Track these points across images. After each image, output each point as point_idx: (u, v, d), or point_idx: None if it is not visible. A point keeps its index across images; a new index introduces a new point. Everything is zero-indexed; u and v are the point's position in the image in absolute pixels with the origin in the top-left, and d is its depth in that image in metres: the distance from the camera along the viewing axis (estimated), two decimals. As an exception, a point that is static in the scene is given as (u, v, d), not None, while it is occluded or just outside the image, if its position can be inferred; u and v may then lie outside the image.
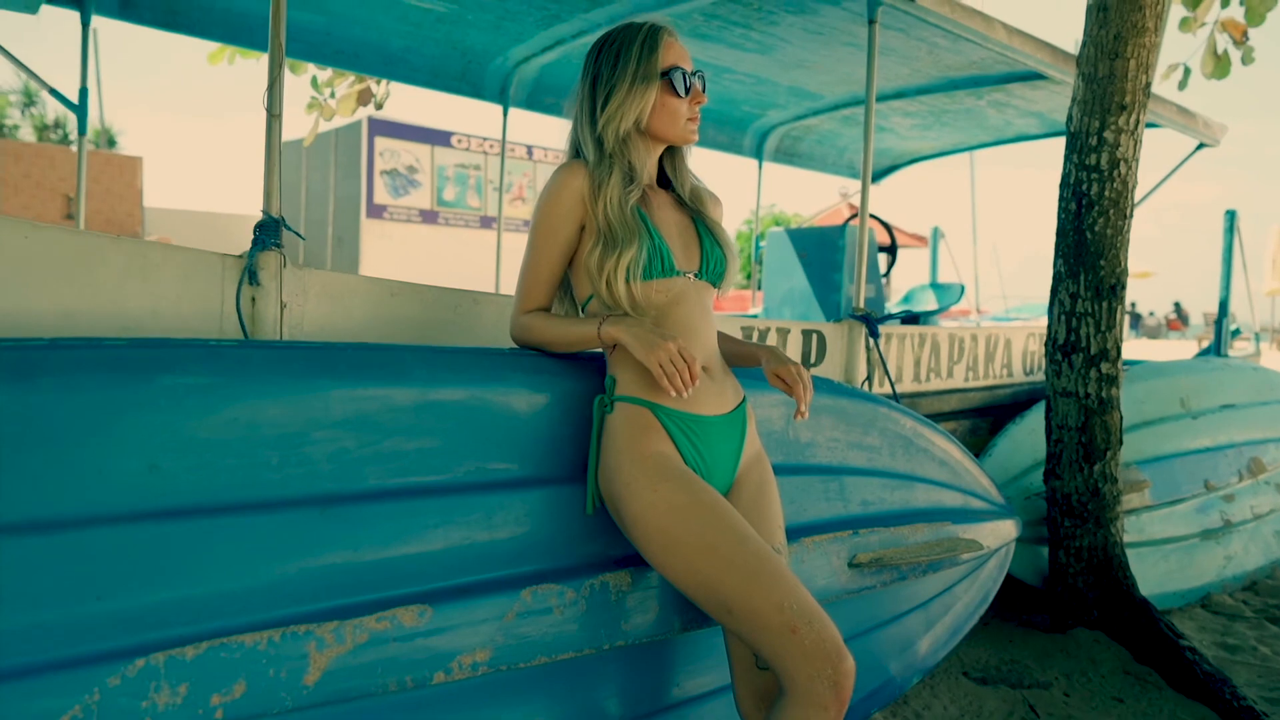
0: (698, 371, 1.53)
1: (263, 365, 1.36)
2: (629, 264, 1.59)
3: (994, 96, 4.59)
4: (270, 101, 1.67)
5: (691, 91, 1.68)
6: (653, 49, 1.64)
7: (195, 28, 3.57)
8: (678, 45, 1.69)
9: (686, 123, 1.69)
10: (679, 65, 1.66)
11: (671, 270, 1.64)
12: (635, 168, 1.69)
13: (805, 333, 2.74)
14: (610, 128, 1.65)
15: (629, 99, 1.64)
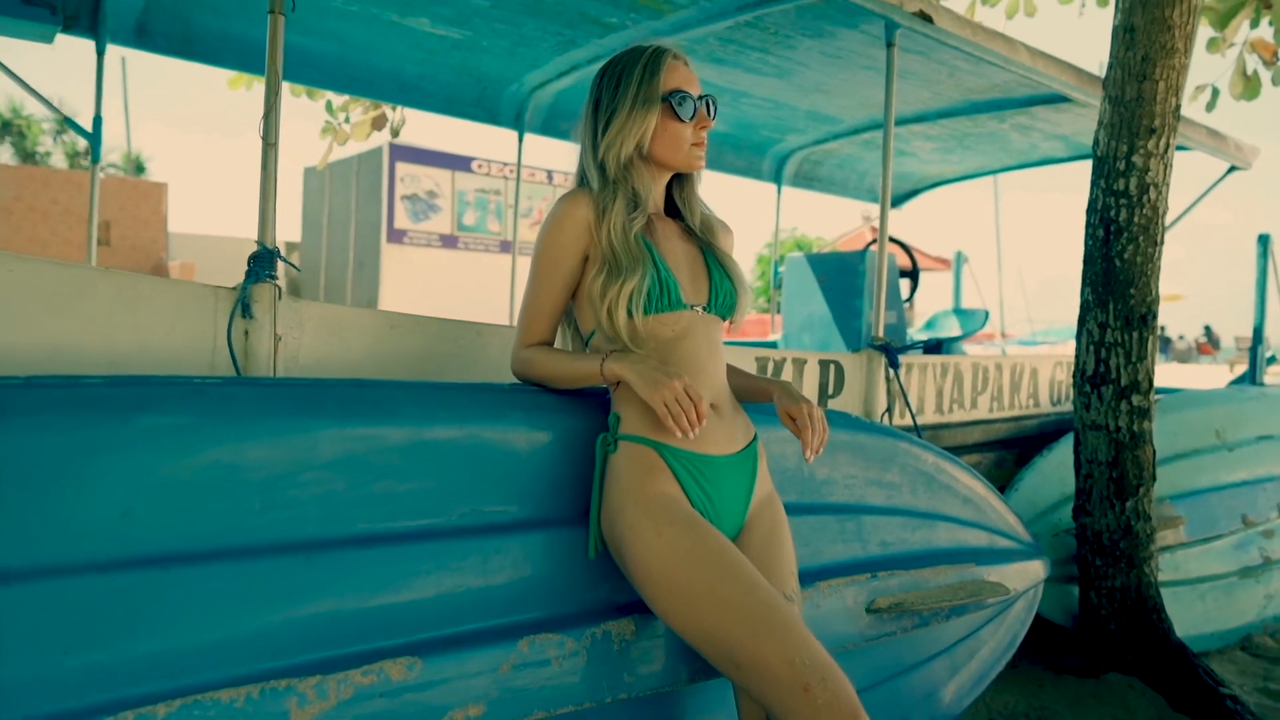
0: (705, 410, 1.46)
1: (246, 404, 1.30)
2: (631, 292, 1.53)
3: (1017, 120, 4.50)
4: (266, 130, 1.62)
5: (696, 116, 1.61)
6: (654, 72, 1.59)
7: (210, 55, 3.57)
8: (683, 68, 1.63)
9: (691, 148, 1.63)
10: (682, 89, 1.60)
11: (678, 303, 1.57)
12: (640, 194, 1.63)
13: (823, 363, 2.66)
14: (611, 153, 1.60)
15: (629, 124, 1.58)
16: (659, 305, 1.55)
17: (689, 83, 1.62)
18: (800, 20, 3.28)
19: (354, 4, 3.35)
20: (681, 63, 1.64)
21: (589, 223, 1.58)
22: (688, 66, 1.66)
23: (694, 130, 1.62)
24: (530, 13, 3.41)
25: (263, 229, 1.64)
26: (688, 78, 1.62)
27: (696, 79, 1.65)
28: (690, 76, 1.63)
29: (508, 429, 1.53)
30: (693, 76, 1.64)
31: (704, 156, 1.65)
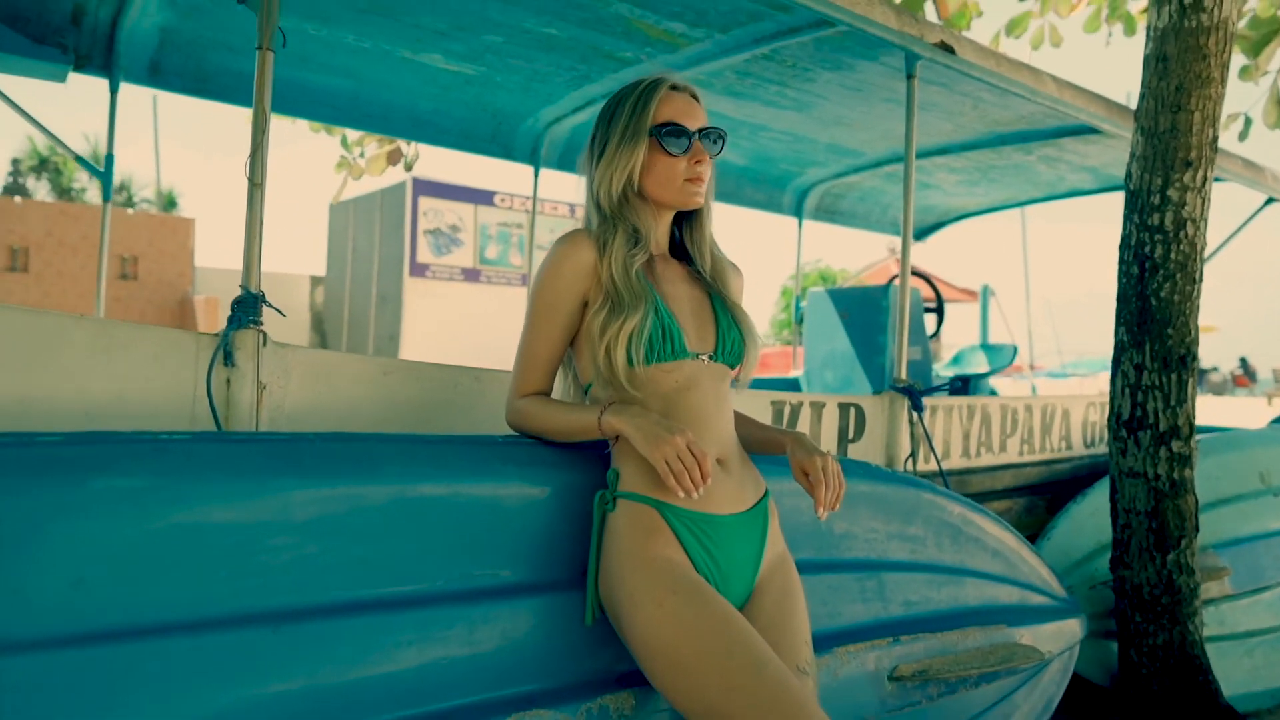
0: (709, 468, 1.35)
1: (211, 462, 1.21)
2: (632, 332, 1.43)
3: (1044, 151, 4.39)
4: (252, 170, 1.56)
5: (691, 149, 1.52)
6: (645, 104, 1.50)
7: (223, 93, 3.56)
8: (681, 99, 1.54)
9: (684, 184, 1.53)
10: (676, 121, 1.51)
11: (681, 351, 1.47)
12: (640, 231, 1.54)
13: (842, 406, 2.54)
14: (603, 189, 1.52)
15: (617, 158, 1.50)
16: (661, 353, 1.45)
17: (686, 114, 1.53)
18: (818, 53, 3.21)
19: (366, 40, 3.32)
20: (686, 94, 1.56)
21: (589, 265, 1.49)
22: (693, 98, 1.58)
23: (689, 165, 1.52)
24: (544, 48, 3.36)
25: (247, 272, 1.57)
26: (685, 109, 1.53)
27: (700, 111, 1.56)
28: (689, 108, 1.54)
29: (499, 485, 1.43)
30: (693, 108, 1.55)
31: (702, 192, 1.55)
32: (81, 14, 3.12)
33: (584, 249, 1.50)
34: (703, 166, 1.52)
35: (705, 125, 1.55)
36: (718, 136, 1.55)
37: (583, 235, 1.52)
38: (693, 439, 1.37)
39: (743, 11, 2.91)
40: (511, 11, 3.03)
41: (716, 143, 1.55)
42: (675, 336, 1.47)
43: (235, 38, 3.33)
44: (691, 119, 1.53)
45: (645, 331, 1.44)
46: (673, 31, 3.14)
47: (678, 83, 1.56)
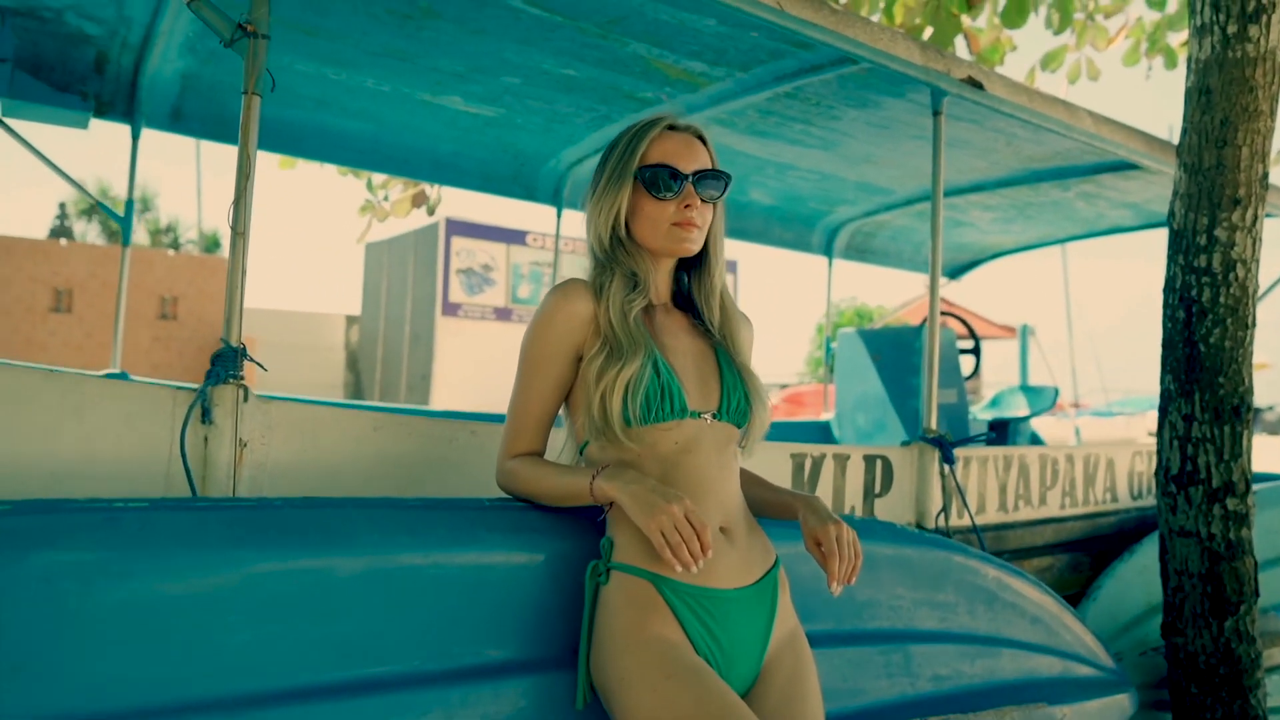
0: (709, 540, 1.24)
1: (170, 532, 1.13)
2: (630, 381, 1.33)
3: (1083, 188, 4.25)
4: (235, 217, 1.49)
5: (681, 193, 1.42)
6: (635, 144, 1.42)
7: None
8: (677, 140, 1.45)
9: (672, 229, 1.43)
10: (667, 162, 1.42)
11: (681, 410, 1.37)
12: (638, 277, 1.45)
13: (868, 459, 2.40)
14: (592, 233, 1.43)
15: (602, 200, 1.42)
16: (659, 411, 1.35)
17: (681, 155, 1.44)
18: (843, 90, 3.12)
19: (385, 84, 3.30)
20: (687, 134, 1.47)
21: (583, 316, 1.40)
22: (698, 139, 1.49)
23: (678, 209, 1.43)
24: (563, 89, 3.32)
25: (229, 324, 1.50)
26: (680, 150, 1.44)
27: (701, 152, 1.46)
28: (686, 149, 1.45)
29: (483, 554, 1.33)
30: (692, 149, 1.45)
31: (693, 239, 1.45)
32: (104, 61, 3.14)
33: (578, 299, 1.41)
34: (693, 211, 1.43)
35: (704, 168, 1.45)
36: (717, 180, 1.45)
37: (577, 285, 1.44)
38: (691, 507, 1.25)
39: (763, 50, 2.84)
40: (529, 53, 2.99)
41: (716, 187, 1.45)
42: (674, 394, 1.37)
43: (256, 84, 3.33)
44: (687, 160, 1.44)
45: (642, 385, 1.34)
46: (692, 71, 3.07)
47: (677, 122, 1.48)
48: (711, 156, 1.49)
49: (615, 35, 2.81)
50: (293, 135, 3.71)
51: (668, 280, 1.52)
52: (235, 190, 1.50)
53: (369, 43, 2.95)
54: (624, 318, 1.39)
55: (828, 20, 2.32)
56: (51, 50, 3.00)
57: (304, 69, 3.22)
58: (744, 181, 4.46)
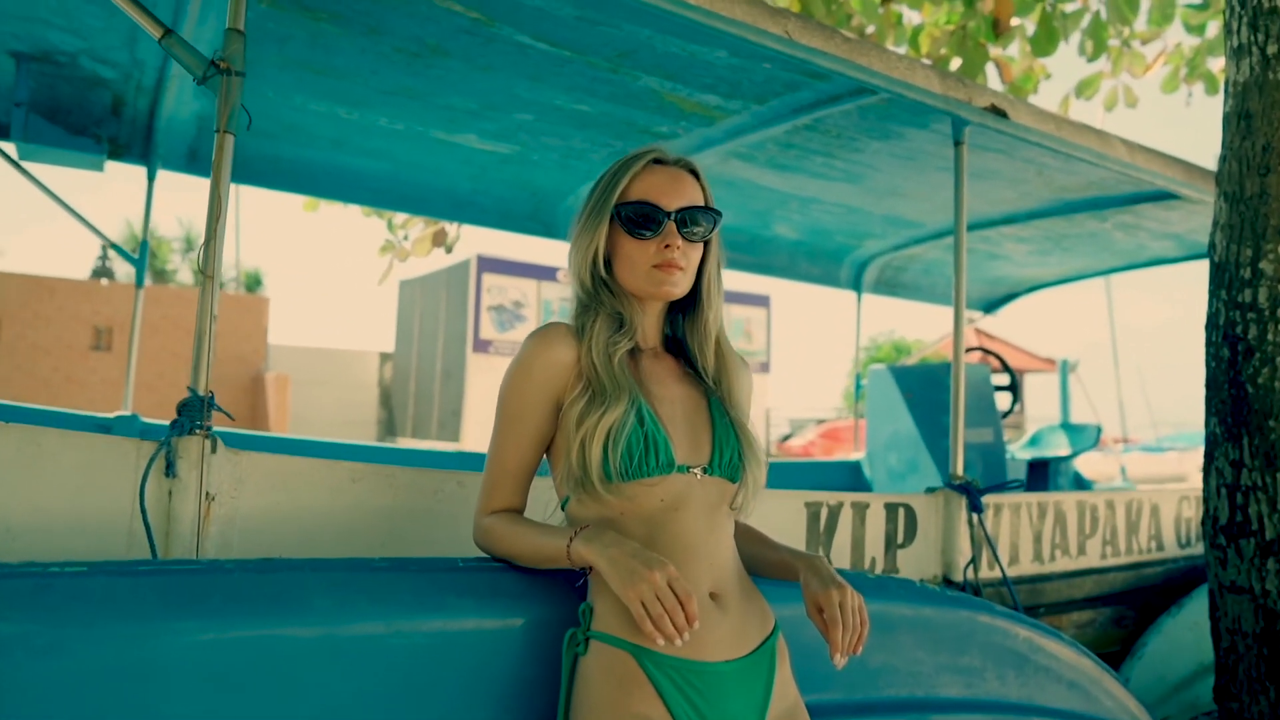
0: (695, 611, 1.13)
1: (106, 600, 1.05)
2: (612, 427, 1.23)
3: (1121, 219, 4.09)
4: (204, 259, 1.43)
5: (662, 232, 1.33)
6: (616, 179, 1.34)
7: (261, 179, 3.57)
8: (662, 175, 1.36)
9: (651, 271, 1.34)
10: (647, 199, 1.33)
11: (667, 463, 1.26)
12: (624, 319, 1.35)
13: (889, 508, 2.26)
14: (572, 273, 1.34)
15: (580, 239, 1.34)
16: (642, 464, 1.24)
17: (665, 191, 1.35)
18: (863, 121, 3.02)
19: (399, 122, 3.28)
20: (675, 169, 1.38)
21: (563, 362, 1.31)
22: (689, 173, 1.40)
23: (658, 249, 1.33)
24: (577, 125, 3.27)
25: (196, 372, 1.43)
26: (665, 186, 1.35)
27: (689, 188, 1.37)
28: (672, 185, 1.36)
29: (452, 620, 1.23)
30: (679, 185, 1.36)
31: (675, 281, 1.35)
32: (121, 104, 3.15)
33: (558, 344, 1.32)
34: (674, 252, 1.33)
35: (690, 204, 1.36)
36: (705, 217, 1.36)
37: (557, 328, 1.35)
38: (676, 574, 1.14)
39: (778, 81, 2.76)
40: (540, 89, 2.95)
41: (703, 224, 1.36)
42: (660, 446, 1.26)
43: (270, 124, 3.33)
44: (671, 196, 1.35)
45: (624, 434, 1.23)
46: (707, 104, 3.00)
47: (665, 156, 1.39)
48: (704, 192, 1.40)
49: (626, 69, 2.75)
50: (310, 175, 3.70)
51: (657, 323, 1.43)
52: (205, 231, 1.44)
53: (380, 81, 2.93)
54: (607, 360, 1.29)
55: (840, 49, 2.23)
56: (67, 94, 3.02)
57: (317, 109, 3.21)
58: (768, 216, 4.37)
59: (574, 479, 1.26)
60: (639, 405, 1.27)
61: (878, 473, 4.93)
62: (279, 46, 2.72)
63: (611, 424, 1.23)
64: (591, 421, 1.24)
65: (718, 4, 2.02)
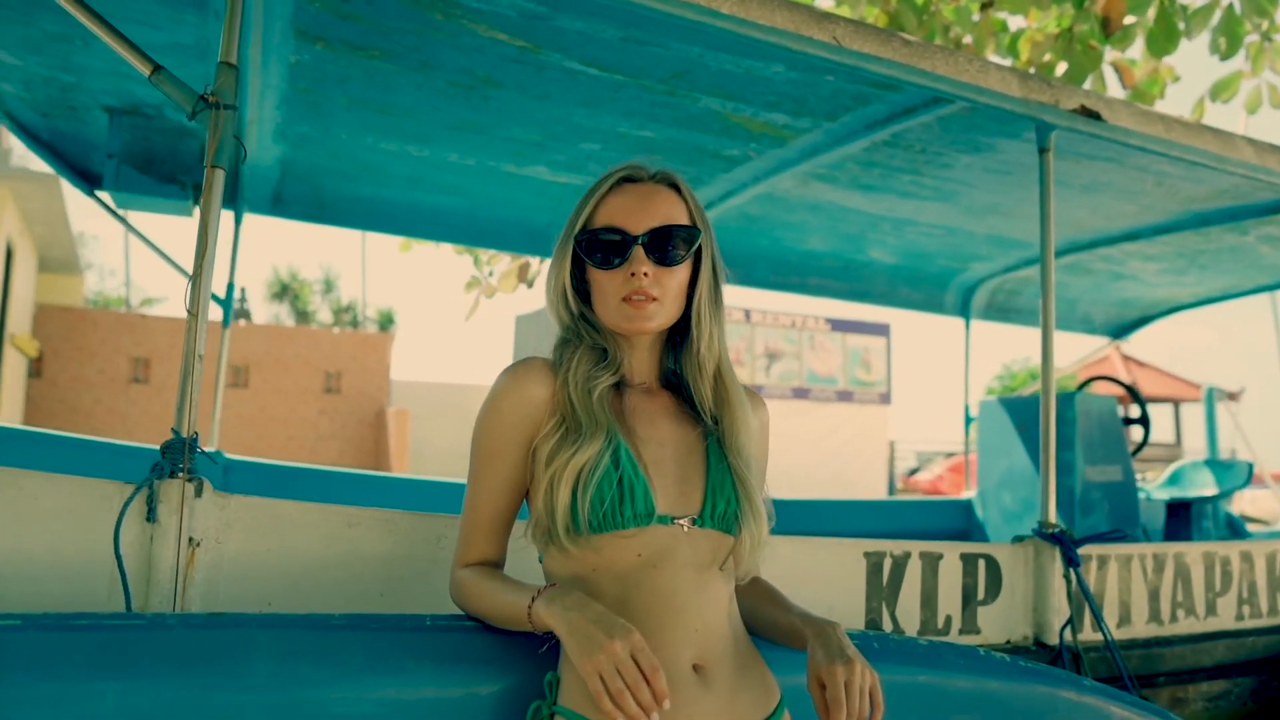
0: (662, 687, 0.97)
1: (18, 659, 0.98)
2: (582, 469, 1.10)
3: (1264, 230, 3.65)
4: (191, 298, 1.39)
5: (628, 259, 1.19)
6: (581, 206, 1.22)
7: (340, 219, 3.65)
8: (630, 195, 1.23)
9: (620, 305, 1.20)
10: (613, 224, 1.20)
11: (647, 513, 1.11)
12: (609, 353, 1.22)
13: (966, 559, 2.01)
14: (549, 308, 1.22)
15: (550, 273, 1.21)
16: (615, 515, 1.10)
17: (631, 213, 1.21)
18: (946, 134, 2.80)
19: (469, 157, 3.28)
20: (654, 182, 1.25)
21: (536, 400, 1.19)
22: (668, 186, 1.26)
23: (625, 279, 1.19)
24: (643, 152, 3.18)
25: (180, 414, 1.38)
26: (631, 207, 1.22)
27: (662, 204, 1.23)
28: (641, 205, 1.22)
29: (405, 688, 1.11)
30: (648, 203, 1.22)
31: (647, 314, 1.20)
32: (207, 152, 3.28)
33: (531, 380, 1.20)
34: (642, 280, 1.19)
35: (663, 224, 1.21)
36: (682, 235, 1.21)
37: (532, 363, 1.23)
38: (641, 644, 0.99)
39: (846, 95, 2.58)
40: (599, 116, 2.88)
41: (680, 245, 1.21)
42: (636, 492, 1.12)
43: (347, 165, 3.39)
44: (640, 217, 1.21)
45: (595, 479, 1.10)
46: (775, 124, 2.85)
47: (637, 173, 1.26)
48: (688, 207, 1.25)
49: (682, 90, 2.63)
50: (390, 214, 3.75)
51: (650, 356, 1.29)
52: (194, 266, 1.40)
53: (442, 117, 2.93)
54: (586, 395, 1.17)
55: (899, 54, 2.04)
56: (157, 144, 3.16)
57: (389, 147, 3.24)
58: (860, 240, 4.14)
59: (541, 529, 1.13)
60: (617, 445, 1.13)
61: (990, 513, 4.56)
62: (341, 87, 2.75)
63: (582, 465, 1.10)
64: (560, 461, 1.11)
65: (754, 11, 1.88)
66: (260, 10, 2.24)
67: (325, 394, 11.63)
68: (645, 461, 1.16)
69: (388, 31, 2.36)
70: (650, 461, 1.16)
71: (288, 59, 2.55)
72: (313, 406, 11.46)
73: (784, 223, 3.95)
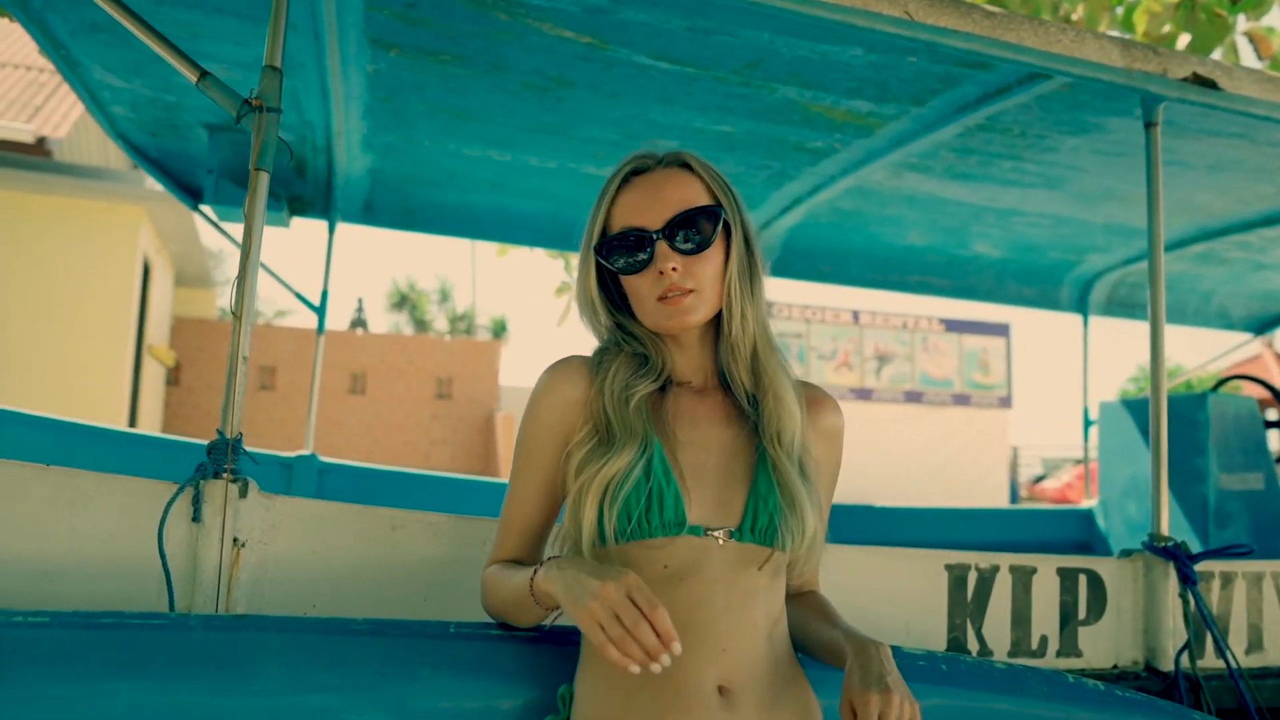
0: (666, 627, 0.89)
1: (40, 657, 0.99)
2: (610, 481, 1.03)
3: None
4: (237, 299, 1.40)
5: (654, 258, 1.11)
6: (597, 211, 1.15)
7: (428, 225, 3.71)
8: (640, 188, 1.15)
9: (657, 306, 1.12)
10: (630, 225, 1.13)
11: (676, 524, 1.04)
12: (650, 357, 1.15)
13: (1064, 573, 1.83)
14: (580, 316, 1.16)
15: (578, 280, 1.15)
16: (642, 524, 1.03)
17: (645, 208, 1.13)
18: (1047, 114, 2.60)
19: (550, 160, 3.28)
20: (663, 167, 1.16)
21: (574, 400, 1.14)
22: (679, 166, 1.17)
23: (655, 279, 1.11)
24: (725, 148, 3.10)
25: (226, 415, 1.39)
26: (643, 202, 1.14)
27: (675, 188, 1.14)
28: (650, 197, 1.14)
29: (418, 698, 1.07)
30: (659, 193, 1.14)
31: (686, 309, 1.12)
32: (304, 166, 3.39)
33: (567, 381, 1.15)
34: (674, 276, 1.10)
35: (678, 211, 1.12)
36: (704, 219, 1.12)
37: (570, 363, 1.17)
38: (636, 582, 0.92)
39: (931, 77, 2.43)
40: (675, 112, 2.81)
41: (702, 229, 1.12)
42: (667, 501, 1.04)
43: (433, 172, 3.45)
44: (656, 209, 1.12)
45: (625, 491, 1.03)
46: (859, 112, 2.72)
47: (642, 163, 1.18)
48: (705, 183, 1.16)
49: (757, 81, 2.54)
50: (478, 220, 3.79)
51: (700, 353, 1.19)
52: (239, 269, 1.41)
53: (519, 120, 2.93)
54: (623, 403, 1.10)
55: (982, 27, 1.89)
56: (254, 159, 3.28)
57: (472, 152, 3.27)
58: (962, 233, 3.92)
59: (571, 540, 1.07)
60: (651, 454, 1.06)
61: (1113, 524, 4.23)
62: (419, 94, 2.79)
63: (610, 478, 1.03)
64: (589, 473, 1.05)
65: (816, -12, 1.77)
66: (334, 18, 2.29)
67: (437, 400, 12.00)
68: (682, 467, 1.08)
69: (456, 35, 2.36)
70: (688, 467, 1.08)
71: (365, 68, 2.60)
72: (426, 412, 11.84)
73: (879, 217, 3.78)
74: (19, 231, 7.40)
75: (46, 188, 7.43)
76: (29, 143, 6.82)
